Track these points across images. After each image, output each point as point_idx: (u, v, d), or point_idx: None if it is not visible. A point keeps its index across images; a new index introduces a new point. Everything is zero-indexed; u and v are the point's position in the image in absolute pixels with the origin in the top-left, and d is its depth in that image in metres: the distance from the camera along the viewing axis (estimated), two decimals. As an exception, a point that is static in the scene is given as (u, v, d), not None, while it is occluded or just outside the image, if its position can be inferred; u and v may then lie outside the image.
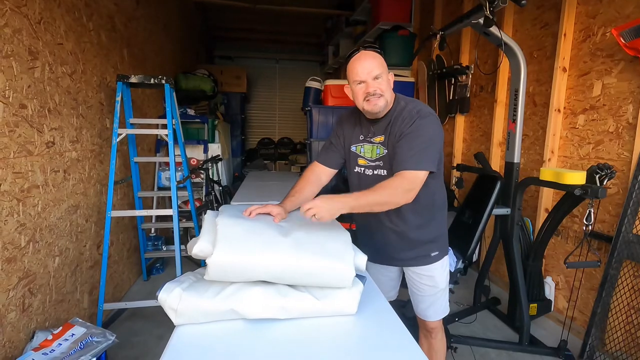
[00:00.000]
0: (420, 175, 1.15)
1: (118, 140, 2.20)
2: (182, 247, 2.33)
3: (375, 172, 1.30)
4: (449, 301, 2.15)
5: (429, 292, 1.43)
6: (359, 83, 1.19)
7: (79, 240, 2.03)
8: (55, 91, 1.82)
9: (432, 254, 1.39)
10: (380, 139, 1.27)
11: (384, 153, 1.26)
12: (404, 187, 1.13)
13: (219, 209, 1.21)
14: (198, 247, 0.96)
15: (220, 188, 4.10)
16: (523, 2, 1.63)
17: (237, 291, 0.95)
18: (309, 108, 3.57)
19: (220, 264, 0.92)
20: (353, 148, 1.34)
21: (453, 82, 3.32)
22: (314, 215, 1.02)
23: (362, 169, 1.32)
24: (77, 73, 2.02)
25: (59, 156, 1.84)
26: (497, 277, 2.91)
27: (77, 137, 2.02)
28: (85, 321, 2.03)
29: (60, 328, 1.57)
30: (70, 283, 1.93)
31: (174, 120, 2.39)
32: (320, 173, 1.39)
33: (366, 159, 1.31)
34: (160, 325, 2.25)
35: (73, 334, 1.55)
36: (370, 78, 1.18)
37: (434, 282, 1.42)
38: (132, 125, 2.45)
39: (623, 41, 1.82)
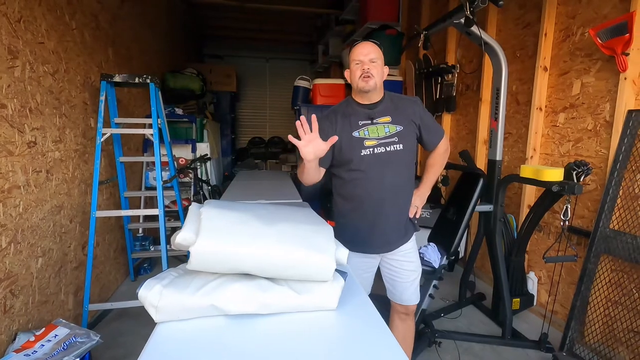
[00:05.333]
0: (446, 138, 1.55)
1: (102, 139, 2.18)
2: (169, 247, 2.33)
3: (389, 148, 1.39)
4: (435, 297, 2.20)
5: (411, 277, 1.56)
6: (357, 63, 1.37)
7: (63, 241, 2.01)
8: (37, 90, 1.80)
9: (413, 226, 1.57)
10: (386, 119, 1.41)
11: (397, 129, 1.41)
12: (445, 154, 1.56)
13: (204, 202, 1.22)
14: (181, 237, 0.96)
15: (209, 187, 4.09)
16: (500, 2, 1.67)
17: (218, 287, 0.95)
18: (297, 107, 3.59)
19: (203, 253, 0.93)
20: (356, 134, 1.40)
21: (439, 81, 3.36)
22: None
23: (372, 149, 1.39)
24: (59, 72, 2.00)
25: (41, 156, 1.83)
26: (483, 272, 2.96)
27: (60, 137, 2.00)
28: (71, 322, 2.02)
29: (43, 329, 1.56)
30: (54, 284, 1.92)
31: (159, 120, 2.38)
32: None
33: (374, 138, 1.39)
34: (148, 325, 2.20)
35: (56, 335, 1.54)
36: (366, 59, 1.35)
37: (414, 266, 1.56)
38: (117, 125, 2.43)
39: (600, 41, 1.87)
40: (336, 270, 1.02)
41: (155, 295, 0.92)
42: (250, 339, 0.86)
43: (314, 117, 1.20)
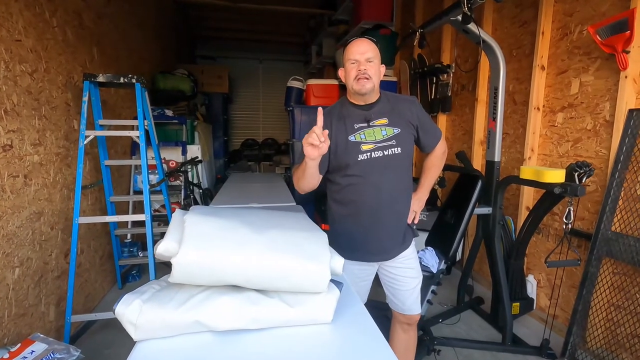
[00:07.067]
0: (443, 140, 1.51)
1: (86, 142, 2.08)
2: (157, 253, 2.23)
3: (386, 152, 1.32)
4: (433, 302, 2.13)
5: (413, 284, 1.49)
6: (353, 62, 1.29)
7: (43, 249, 1.91)
8: (13, 91, 1.70)
9: (412, 231, 1.51)
10: (383, 121, 1.34)
11: (395, 132, 1.33)
12: (443, 156, 1.52)
13: (189, 208, 1.14)
14: (163, 247, 0.88)
15: (201, 191, 3.99)
16: (500, -3, 1.62)
17: (203, 301, 0.88)
18: (291, 108, 3.52)
19: (187, 264, 0.86)
20: (352, 138, 1.33)
21: (435, 81, 3.32)
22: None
23: (369, 153, 1.32)
24: (38, 72, 1.90)
25: (18, 160, 1.72)
26: (481, 276, 2.91)
27: (39, 139, 1.90)
28: (53, 334, 1.93)
29: (19, 345, 1.46)
30: (33, 295, 1.81)
31: (146, 121, 2.29)
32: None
33: (371, 142, 1.32)
34: None
35: (33, 351, 1.44)
36: (363, 59, 1.28)
37: (415, 272, 1.49)
38: (102, 127, 2.33)
39: (599, 39, 1.83)
40: (331, 280, 0.95)
41: (134, 311, 0.85)
42: (239, 357, 0.79)
43: (320, 111, 1.12)
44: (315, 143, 1.08)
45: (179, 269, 0.86)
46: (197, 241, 0.89)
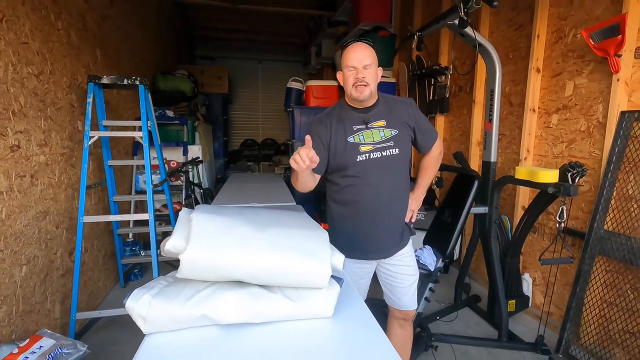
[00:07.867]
0: (440, 141, 1.55)
1: (90, 143, 2.12)
2: (160, 252, 2.27)
3: (384, 153, 1.36)
4: (430, 300, 2.18)
5: (409, 281, 1.53)
6: (351, 69, 1.31)
7: (49, 247, 1.95)
8: (20, 92, 1.73)
9: (409, 230, 1.55)
10: (381, 123, 1.38)
11: (393, 133, 1.38)
12: (439, 156, 1.56)
13: (195, 207, 1.18)
14: (171, 244, 0.92)
15: (201, 191, 4.03)
16: (495, 3, 1.66)
17: (210, 296, 0.92)
18: (290, 109, 3.56)
19: (194, 261, 0.90)
20: (351, 139, 1.36)
21: (433, 82, 3.36)
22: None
23: (367, 154, 1.36)
24: (44, 74, 1.94)
25: (25, 160, 1.76)
26: (478, 274, 2.96)
27: (45, 140, 1.94)
28: (58, 331, 1.96)
29: (27, 340, 1.50)
30: (39, 293, 1.85)
31: (149, 122, 2.33)
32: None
33: (369, 143, 1.36)
34: (138, 334, 2.14)
35: (41, 346, 1.48)
36: (360, 65, 1.30)
37: (412, 270, 1.53)
38: (106, 128, 2.37)
39: (592, 42, 1.87)
40: (332, 276, 0.99)
41: (143, 305, 0.89)
42: (243, 350, 0.83)
43: (308, 138, 1.14)
44: (301, 164, 1.10)
45: (186, 265, 0.90)
46: (204, 239, 0.93)
